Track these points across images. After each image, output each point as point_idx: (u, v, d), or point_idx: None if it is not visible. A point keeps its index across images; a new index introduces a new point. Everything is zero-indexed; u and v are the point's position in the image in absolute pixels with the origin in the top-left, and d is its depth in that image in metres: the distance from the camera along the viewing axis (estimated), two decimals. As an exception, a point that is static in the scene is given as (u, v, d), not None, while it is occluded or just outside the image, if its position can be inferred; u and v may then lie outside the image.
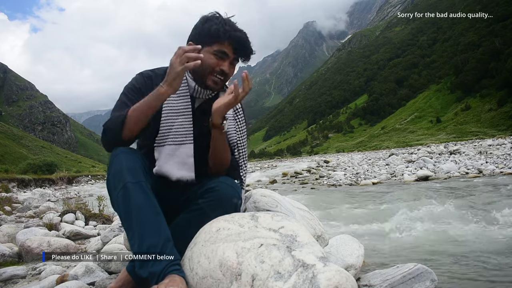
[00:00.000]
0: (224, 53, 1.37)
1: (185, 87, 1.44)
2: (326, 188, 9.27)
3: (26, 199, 7.97)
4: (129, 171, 1.21)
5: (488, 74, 79.05)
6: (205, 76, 1.39)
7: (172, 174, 1.39)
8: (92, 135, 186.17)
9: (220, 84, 1.41)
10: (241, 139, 1.52)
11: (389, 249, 2.72)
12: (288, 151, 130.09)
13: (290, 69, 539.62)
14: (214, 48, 1.37)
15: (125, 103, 1.36)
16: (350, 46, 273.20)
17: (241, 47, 1.39)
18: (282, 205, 1.57)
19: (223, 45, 1.36)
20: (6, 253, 2.35)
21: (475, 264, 2.13)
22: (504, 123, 60.37)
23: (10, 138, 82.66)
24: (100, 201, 4.66)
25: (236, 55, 1.39)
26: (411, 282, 1.34)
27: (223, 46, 1.37)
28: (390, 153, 23.73)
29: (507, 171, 8.45)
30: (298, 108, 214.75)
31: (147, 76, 1.46)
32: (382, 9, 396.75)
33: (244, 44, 1.39)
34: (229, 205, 1.30)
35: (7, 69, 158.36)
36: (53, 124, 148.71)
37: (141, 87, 1.42)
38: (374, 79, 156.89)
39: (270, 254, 0.99)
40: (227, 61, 1.38)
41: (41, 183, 18.88)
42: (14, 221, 4.56)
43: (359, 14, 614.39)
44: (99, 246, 2.51)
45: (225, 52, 1.37)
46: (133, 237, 1.16)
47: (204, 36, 1.38)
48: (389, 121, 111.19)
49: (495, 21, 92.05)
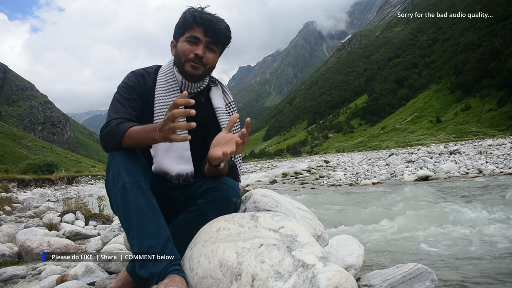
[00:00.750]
0: (195, 37, 1.38)
1: (174, 82, 1.45)
2: (326, 188, 9.27)
3: (26, 199, 7.97)
4: (128, 172, 1.21)
5: (488, 74, 79.04)
6: (183, 65, 1.40)
7: (171, 169, 1.39)
8: (92, 135, 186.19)
9: (200, 68, 1.40)
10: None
11: (389, 249, 2.72)
12: (288, 151, 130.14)
13: (290, 69, 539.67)
14: (186, 36, 1.40)
15: (120, 102, 1.37)
16: (350, 46, 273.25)
17: (211, 28, 1.37)
18: (282, 205, 1.57)
19: (193, 30, 1.39)
20: (6, 253, 2.35)
21: (475, 264, 2.13)
22: (504, 123, 60.36)
23: (10, 138, 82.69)
24: (100, 201, 4.66)
25: (208, 38, 1.39)
26: (411, 282, 1.34)
27: (193, 31, 1.39)
28: (390, 153, 23.73)
29: (507, 171, 8.46)
30: (298, 108, 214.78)
31: (140, 74, 1.47)
32: (382, 9, 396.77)
33: (213, 24, 1.38)
34: (229, 205, 1.30)
35: (7, 69, 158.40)
36: (53, 124, 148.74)
37: (134, 85, 1.43)
38: (374, 79, 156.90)
39: (270, 254, 0.99)
40: (201, 45, 1.39)
41: (41, 183, 18.88)
42: (14, 221, 4.56)
43: (359, 14, 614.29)
44: (99, 246, 2.51)
45: (196, 36, 1.38)
46: (133, 237, 1.16)
47: (178, 28, 1.43)
48: (389, 121, 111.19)
49: (495, 21, 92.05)
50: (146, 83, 1.46)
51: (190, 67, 1.39)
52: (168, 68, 1.48)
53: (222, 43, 1.45)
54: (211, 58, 1.42)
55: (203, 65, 1.40)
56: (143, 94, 1.43)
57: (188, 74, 1.41)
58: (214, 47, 1.42)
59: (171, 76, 1.46)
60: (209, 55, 1.41)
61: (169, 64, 1.50)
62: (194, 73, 1.41)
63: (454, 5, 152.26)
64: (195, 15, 1.37)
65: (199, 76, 1.43)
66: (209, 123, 1.47)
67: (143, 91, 1.43)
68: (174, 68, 1.47)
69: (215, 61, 1.46)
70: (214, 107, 1.50)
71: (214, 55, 1.44)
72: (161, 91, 1.44)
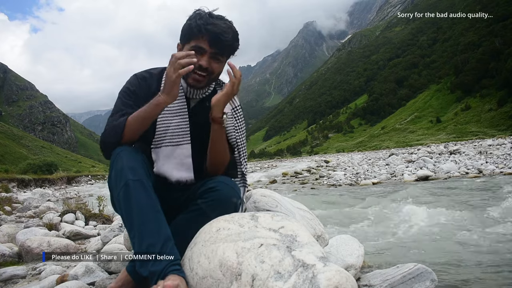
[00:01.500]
0: (200, 48, 1.35)
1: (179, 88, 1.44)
2: (326, 188, 9.27)
3: (26, 199, 7.97)
4: (131, 169, 1.21)
5: (488, 74, 79.00)
6: (186, 75, 1.37)
7: (171, 175, 1.39)
8: (92, 135, 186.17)
9: (203, 80, 1.38)
10: (240, 137, 1.50)
11: (389, 249, 2.72)
12: (288, 151, 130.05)
13: (290, 69, 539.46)
14: (191, 45, 1.36)
15: (121, 110, 1.37)
16: (350, 46, 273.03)
17: (216, 40, 1.33)
18: (282, 205, 1.57)
19: (198, 40, 1.35)
20: (6, 253, 2.35)
21: (475, 264, 2.13)
22: (504, 123, 60.33)
23: (10, 138, 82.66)
24: (100, 201, 4.65)
25: (213, 49, 1.36)
26: (411, 282, 1.34)
27: (199, 41, 1.35)
28: (390, 153, 23.73)
29: (507, 171, 8.46)
30: (298, 108, 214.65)
31: (141, 78, 1.46)
32: (382, 9, 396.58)
33: (218, 36, 1.33)
34: (229, 205, 1.30)
35: (7, 69, 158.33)
36: (53, 124, 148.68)
37: (135, 89, 1.42)
38: (374, 79, 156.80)
39: (270, 254, 0.99)
40: (205, 56, 1.35)
41: (41, 183, 18.87)
42: (14, 221, 4.56)
43: (359, 14, 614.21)
44: (99, 246, 2.51)
45: (201, 47, 1.35)
46: (134, 235, 1.17)
47: (184, 35, 1.40)
48: (389, 121, 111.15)
49: (495, 21, 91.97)
50: (150, 86, 1.44)
51: (192, 79, 1.38)
52: None
53: (228, 53, 1.41)
54: (217, 68, 1.40)
55: (208, 74, 1.38)
56: (145, 98, 1.40)
57: (191, 85, 1.40)
58: (219, 57, 1.39)
59: None
60: (214, 65, 1.38)
61: None
62: (198, 85, 1.40)
63: (454, 5, 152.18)
64: (200, 26, 1.33)
65: (202, 87, 1.42)
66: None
67: (145, 95, 1.40)
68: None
69: (221, 70, 1.43)
70: None
71: (220, 64, 1.41)
72: None
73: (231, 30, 1.37)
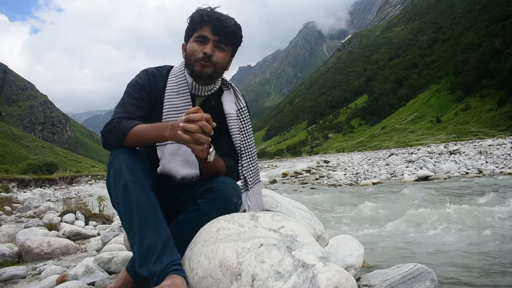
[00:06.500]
0: (204, 36, 1.37)
1: (184, 84, 1.44)
2: (326, 188, 9.27)
3: (26, 199, 7.97)
4: (129, 170, 1.21)
5: (488, 74, 78.89)
6: (192, 65, 1.39)
7: (177, 172, 1.39)
8: (92, 135, 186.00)
9: (209, 67, 1.37)
10: (246, 140, 1.48)
11: (389, 249, 2.72)
12: (288, 151, 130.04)
13: (290, 69, 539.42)
14: (195, 36, 1.39)
15: (128, 101, 1.37)
16: (350, 46, 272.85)
17: (219, 26, 1.35)
18: (282, 205, 1.57)
19: (201, 29, 1.38)
20: (6, 253, 2.35)
21: (474, 264, 2.13)
22: (504, 123, 60.26)
23: (10, 138, 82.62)
24: (100, 201, 4.66)
25: (216, 36, 1.37)
26: (411, 282, 1.34)
27: (202, 30, 1.38)
28: (390, 153, 23.74)
29: (507, 171, 8.46)
30: (298, 108, 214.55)
31: (151, 74, 1.47)
32: (382, 9, 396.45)
33: (221, 22, 1.36)
34: (229, 205, 1.30)
35: (7, 69, 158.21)
36: (53, 124, 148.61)
37: (144, 84, 1.43)
38: (374, 79, 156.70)
39: (270, 254, 0.99)
40: (209, 44, 1.37)
41: (41, 183, 18.87)
42: (14, 221, 4.56)
43: (359, 14, 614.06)
44: (99, 246, 2.51)
45: (204, 35, 1.37)
46: (134, 236, 1.16)
47: (187, 31, 1.43)
48: (389, 121, 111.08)
49: (495, 21, 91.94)
50: (158, 83, 1.45)
51: (199, 65, 1.37)
52: (180, 69, 1.47)
53: (231, 41, 1.42)
54: (221, 57, 1.39)
55: (213, 64, 1.37)
56: (152, 94, 1.42)
57: (197, 73, 1.39)
58: (223, 46, 1.39)
59: (182, 78, 1.44)
60: (218, 54, 1.38)
61: (180, 66, 1.48)
62: (203, 72, 1.38)
63: (454, 5, 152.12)
64: (202, 14, 1.36)
65: (208, 76, 1.40)
66: (219, 128, 1.40)
67: (153, 91, 1.42)
68: (185, 71, 1.45)
69: (226, 60, 1.43)
70: (225, 113, 1.47)
71: (224, 54, 1.41)
72: (171, 93, 1.43)
73: (233, 19, 1.40)
